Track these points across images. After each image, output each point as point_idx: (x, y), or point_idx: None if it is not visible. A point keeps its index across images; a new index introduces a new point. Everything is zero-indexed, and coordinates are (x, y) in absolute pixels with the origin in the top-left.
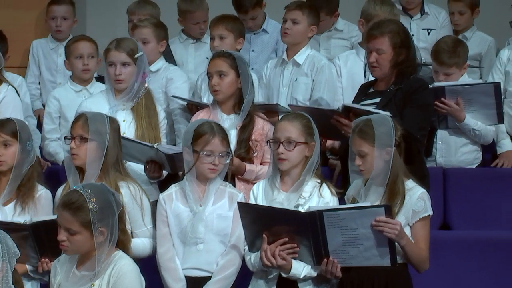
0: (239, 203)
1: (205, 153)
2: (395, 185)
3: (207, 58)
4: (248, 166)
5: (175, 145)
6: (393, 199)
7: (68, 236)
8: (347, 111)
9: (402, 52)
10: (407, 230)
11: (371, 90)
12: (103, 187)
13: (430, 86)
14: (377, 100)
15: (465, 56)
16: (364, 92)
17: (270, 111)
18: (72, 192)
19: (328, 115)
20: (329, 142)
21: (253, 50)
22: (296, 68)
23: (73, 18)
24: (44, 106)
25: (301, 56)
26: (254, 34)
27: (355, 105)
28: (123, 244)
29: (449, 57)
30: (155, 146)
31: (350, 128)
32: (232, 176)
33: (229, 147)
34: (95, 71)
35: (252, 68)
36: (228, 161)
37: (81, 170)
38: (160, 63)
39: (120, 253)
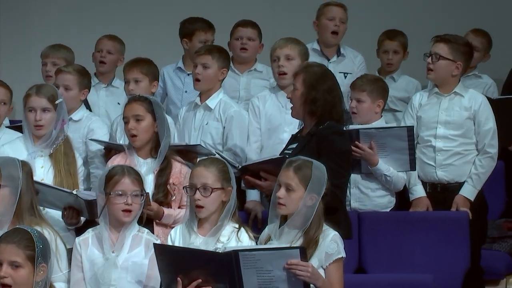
0: (155, 244)
1: (116, 192)
2: (315, 232)
3: (118, 103)
4: (166, 211)
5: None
6: (307, 244)
7: (11, 272)
8: (245, 170)
9: (312, 92)
10: (321, 273)
11: (298, 136)
12: (44, 235)
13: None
14: (294, 145)
15: (381, 91)
16: (292, 139)
17: (190, 152)
18: (17, 228)
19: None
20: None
21: (186, 91)
22: (207, 112)
23: None
24: None
25: (213, 101)
26: (188, 75)
27: (251, 162)
28: None
29: (362, 82)
30: (74, 192)
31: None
32: (151, 221)
33: (143, 188)
34: (5, 117)
35: None
36: (142, 202)
37: None
38: (81, 112)
39: None
